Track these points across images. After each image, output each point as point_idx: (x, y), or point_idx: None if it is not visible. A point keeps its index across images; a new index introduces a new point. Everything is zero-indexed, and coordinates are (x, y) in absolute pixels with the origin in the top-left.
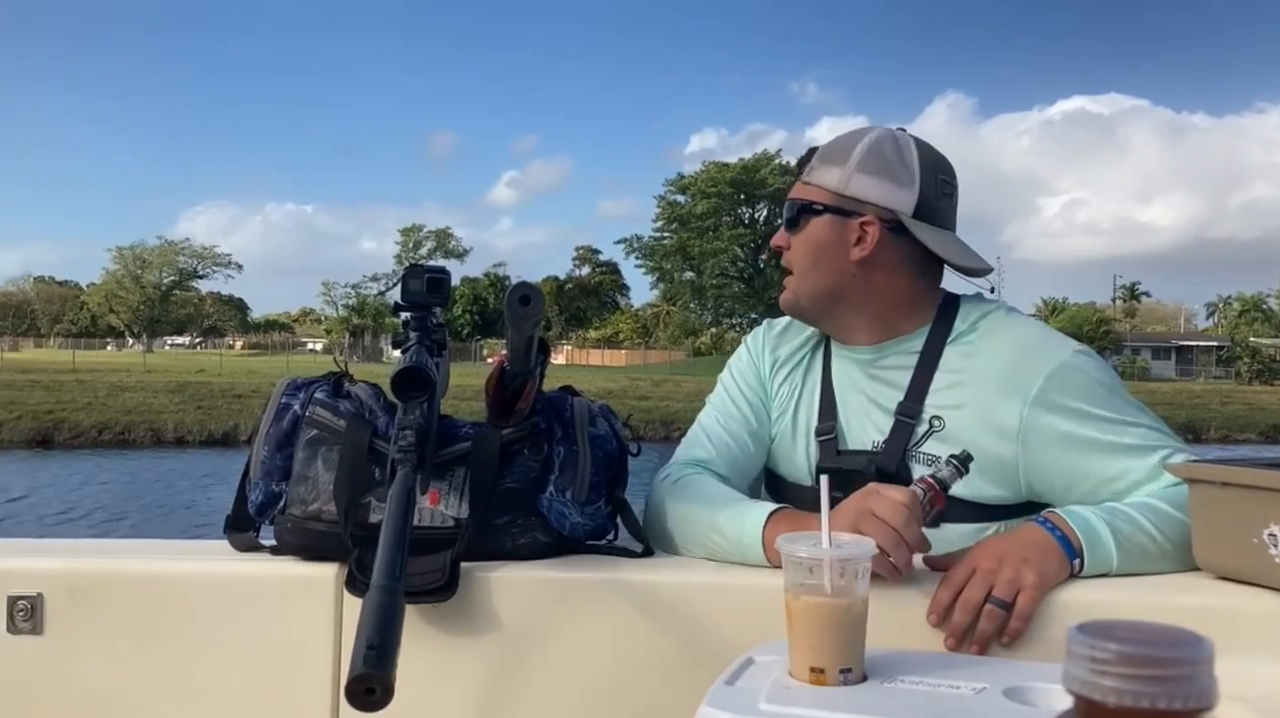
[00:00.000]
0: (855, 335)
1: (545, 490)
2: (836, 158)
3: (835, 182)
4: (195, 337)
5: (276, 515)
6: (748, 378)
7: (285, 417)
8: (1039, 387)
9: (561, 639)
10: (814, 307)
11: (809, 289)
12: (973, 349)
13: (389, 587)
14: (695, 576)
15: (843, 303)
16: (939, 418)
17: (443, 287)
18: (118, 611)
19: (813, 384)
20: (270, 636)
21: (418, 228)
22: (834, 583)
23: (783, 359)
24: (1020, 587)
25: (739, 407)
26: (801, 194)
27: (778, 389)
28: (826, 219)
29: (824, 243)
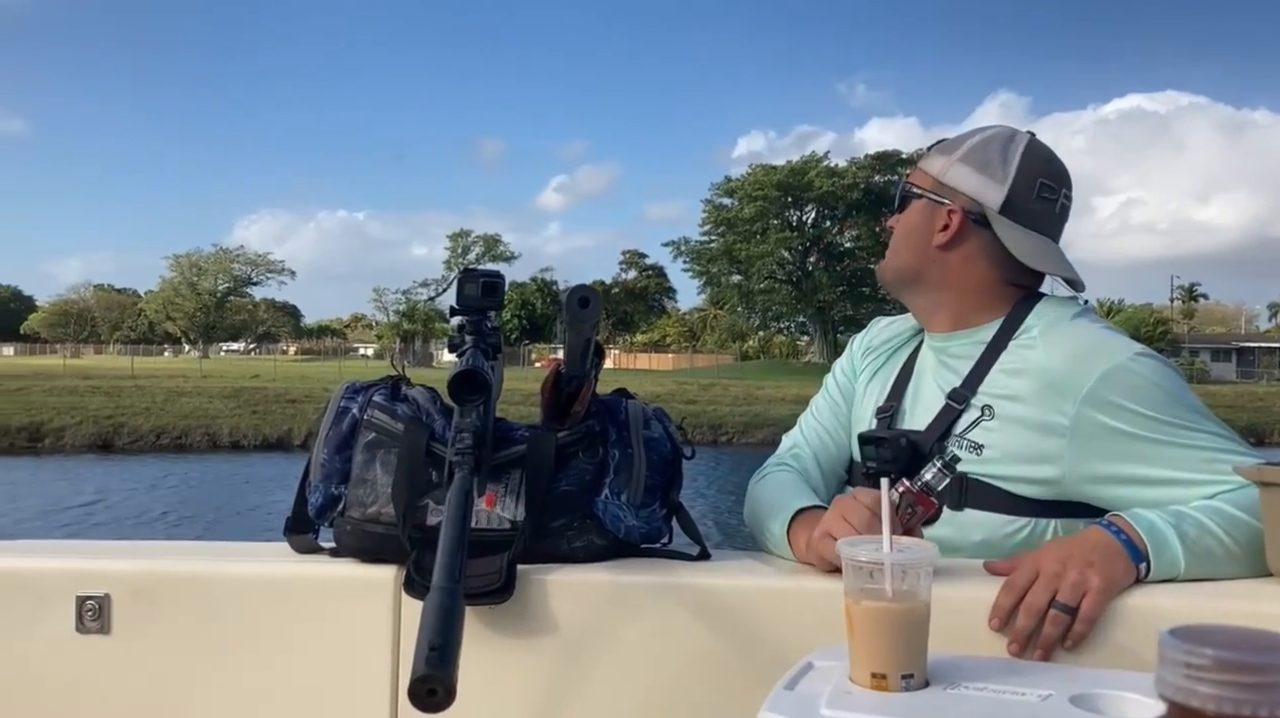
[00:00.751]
0: (932, 320)
1: (600, 493)
2: (948, 148)
3: (937, 169)
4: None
5: (336, 518)
6: (844, 368)
7: (344, 420)
8: (1091, 385)
9: (618, 642)
10: (897, 284)
11: (894, 266)
12: (1033, 344)
13: (450, 588)
14: (752, 579)
15: (921, 285)
16: (989, 407)
17: (497, 290)
18: (181, 611)
19: (894, 368)
20: (329, 637)
21: (466, 233)
22: (895, 587)
23: (876, 345)
24: (1085, 590)
25: (830, 396)
26: (909, 178)
27: (865, 376)
28: (922, 203)
29: (914, 225)
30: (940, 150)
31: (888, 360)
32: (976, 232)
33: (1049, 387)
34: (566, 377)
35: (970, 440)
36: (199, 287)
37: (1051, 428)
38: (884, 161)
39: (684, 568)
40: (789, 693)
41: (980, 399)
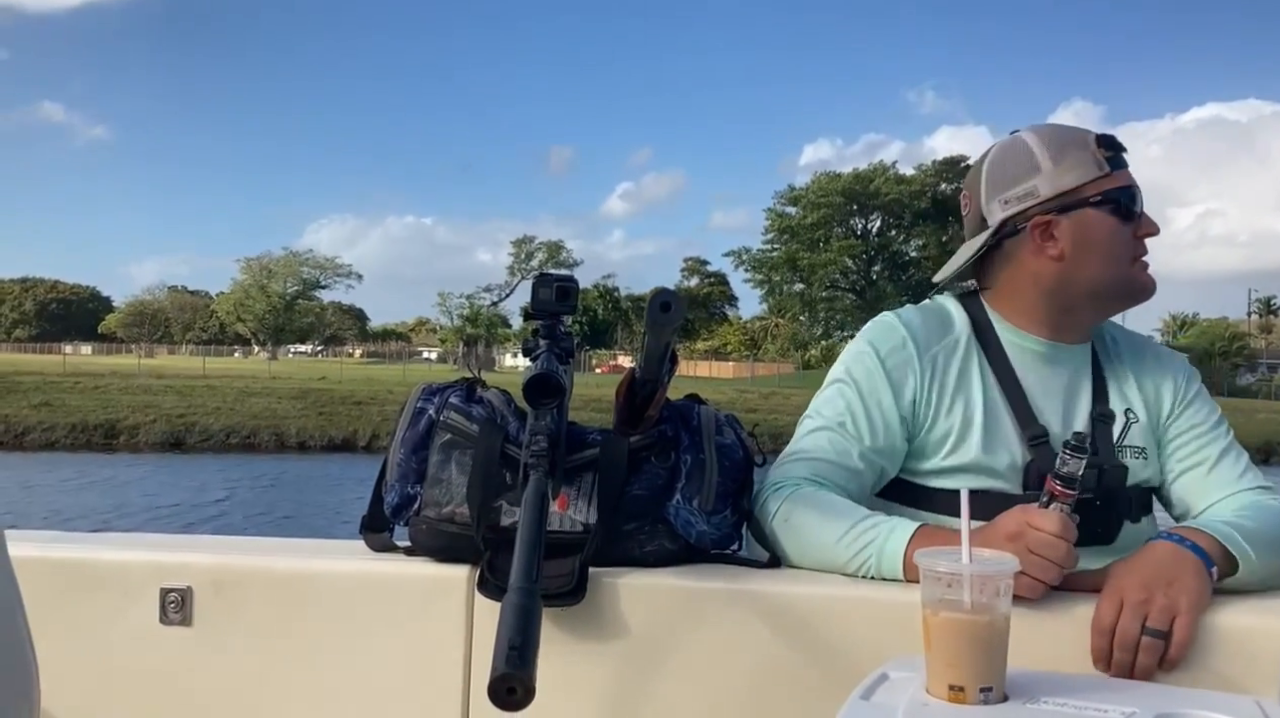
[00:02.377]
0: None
1: (672, 498)
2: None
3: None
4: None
5: (411, 517)
6: (874, 386)
7: (421, 421)
8: (1180, 383)
9: (689, 647)
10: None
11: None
12: (1119, 351)
13: (528, 589)
14: (825, 588)
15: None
16: (1131, 411)
17: (571, 295)
18: (259, 606)
19: (990, 384)
20: (403, 634)
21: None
22: (974, 599)
23: (936, 360)
24: (1175, 613)
25: (855, 421)
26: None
27: (941, 391)
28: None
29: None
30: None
31: (960, 370)
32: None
33: (1150, 388)
34: (641, 381)
35: (1131, 447)
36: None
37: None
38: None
39: (755, 575)
40: (864, 704)
41: (1117, 407)
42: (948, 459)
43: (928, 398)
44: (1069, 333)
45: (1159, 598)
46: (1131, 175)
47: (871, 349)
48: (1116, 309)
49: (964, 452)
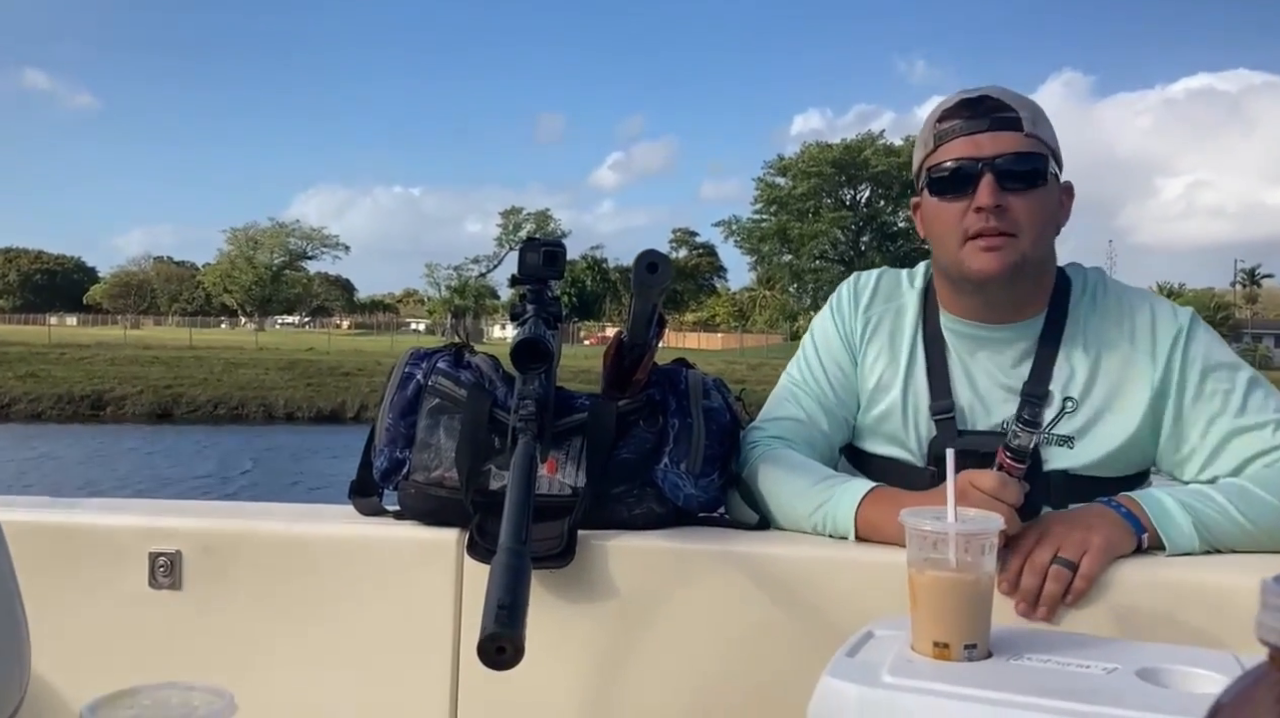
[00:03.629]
0: (1009, 311)
1: (660, 462)
2: (1040, 114)
3: (1052, 141)
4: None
5: (400, 481)
6: (831, 347)
7: (409, 385)
8: (1170, 344)
9: (678, 608)
10: (1024, 276)
11: (1039, 257)
12: (1096, 319)
13: (517, 549)
14: (811, 549)
15: (1034, 274)
16: (1070, 399)
17: (559, 260)
18: (249, 569)
19: (917, 354)
20: (393, 597)
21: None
22: (960, 558)
23: (875, 323)
24: (1086, 548)
25: (818, 381)
26: (1031, 147)
27: (873, 358)
28: (1053, 180)
29: (1052, 207)
30: (1039, 116)
31: (905, 342)
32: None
33: (1128, 358)
34: (629, 345)
35: (1058, 436)
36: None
37: (1138, 402)
38: None
39: (743, 537)
40: (850, 660)
41: (1057, 392)
42: (866, 421)
43: (861, 356)
44: (990, 312)
45: (1075, 534)
46: (975, 143)
47: (829, 310)
48: (979, 294)
49: (878, 416)
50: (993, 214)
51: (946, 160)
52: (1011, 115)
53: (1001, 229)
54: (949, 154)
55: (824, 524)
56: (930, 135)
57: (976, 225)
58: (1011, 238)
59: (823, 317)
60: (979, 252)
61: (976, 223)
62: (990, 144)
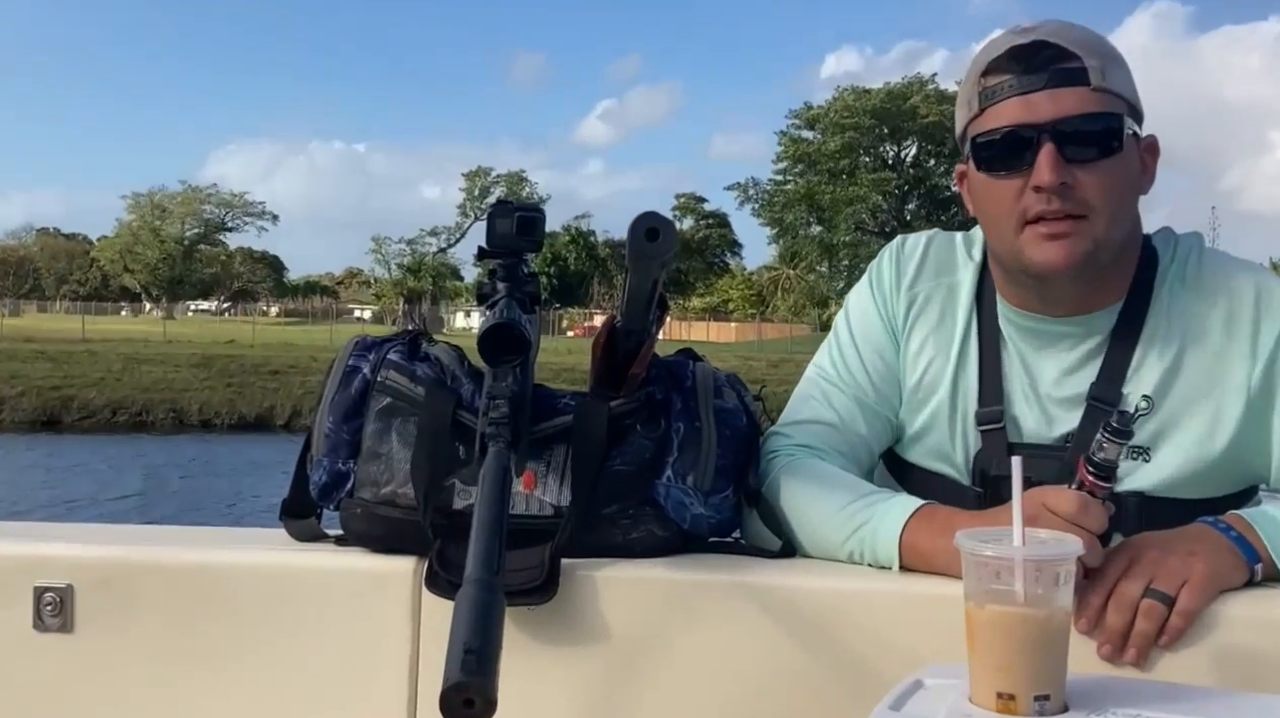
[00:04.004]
0: (1081, 302)
1: (662, 475)
2: (1114, 55)
3: (1129, 91)
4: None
5: (343, 499)
6: (870, 331)
7: (353, 382)
8: (1278, 332)
9: (683, 653)
10: (1097, 264)
11: (1118, 239)
12: (1184, 298)
13: (488, 582)
14: (845, 581)
15: (1111, 259)
16: (1147, 398)
17: (536, 228)
18: (159, 607)
19: (970, 347)
20: (334, 641)
21: (485, 171)
22: (1028, 589)
23: (922, 301)
24: (1186, 578)
25: (853, 373)
26: (1101, 105)
27: (919, 347)
28: (1131, 141)
29: (1131, 175)
30: (1111, 60)
31: (954, 331)
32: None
33: (1220, 353)
34: (624, 331)
35: (1130, 446)
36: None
37: (1232, 406)
38: None
39: (763, 566)
40: (896, 715)
41: (1132, 393)
42: (907, 424)
43: (905, 342)
44: (1056, 306)
45: (1172, 561)
46: (1029, 105)
47: (867, 283)
48: (1040, 288)
49: (922, 420)
50: (1056, 194)
51: (995, 127)
52: (1075, 66)
53: (1068, 211)
54: (998, 119)
55: (862, 551)
56: (974, 94)
57: (1036, 208)
58: (1081, 221)
59: (859, 292)
60: (1041, 240)
61: (1036, 204)
62: (1049, 105)
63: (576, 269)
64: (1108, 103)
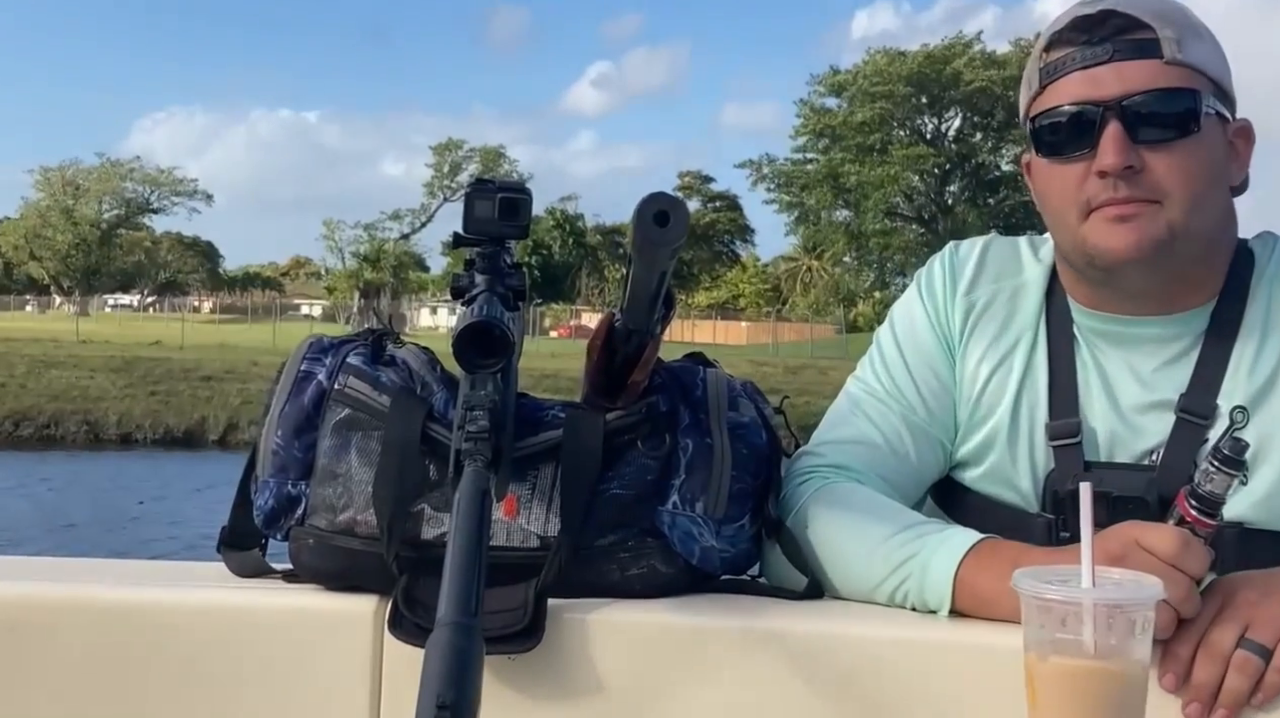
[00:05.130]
0: (1146, 301)
1: (667, 501)
2: (1194, 26)
3: (1214, 65)
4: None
5: (293, 528)
6: (919, 341)
7: (307, 390)
8: None
9: (687, 709)
10: (1172, 255)
11: (1204, 229)
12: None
13: (464, 625)
14: (883, 627)
15: (1193, 253)
16: (1242, 410)
17: (521, 211)
18: (75, 654)
19: (1038, 355)
20: (283, 691)
21: (456, 144)
22: (1100, 639)
23: (982, 307)
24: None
25: (900, 388)
26: (1174, 80)
27: (978, 359)
28: (1215, 121)
29: (1214, 160)
30: (1189, 31)
31: (1020, 340)
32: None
33: None
34: (623, 332)
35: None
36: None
37: None
38: None
39: (785, 609)
40: None
41: (1225, 403)
42: (964, 445)
43: (961, 355)
44: (1132, 304)
45: (1273, 607)
46: (1093, 80)
47: (915, 291)
48: (1109, 284)
49: (981, 439)
50: (1123, 179)
51: (1055, 105)
52: (1146, 36)
53: (1135, 196)
54: (1060, 96)
55: (906, 591)
56: (1036, 70)
57: (1102, 194)
58: (1153, 205)
59: (906, 302)
60: (1107, 223)
61: (1101, 191)
62: (1114, 80)
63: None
64: (1184, 78)
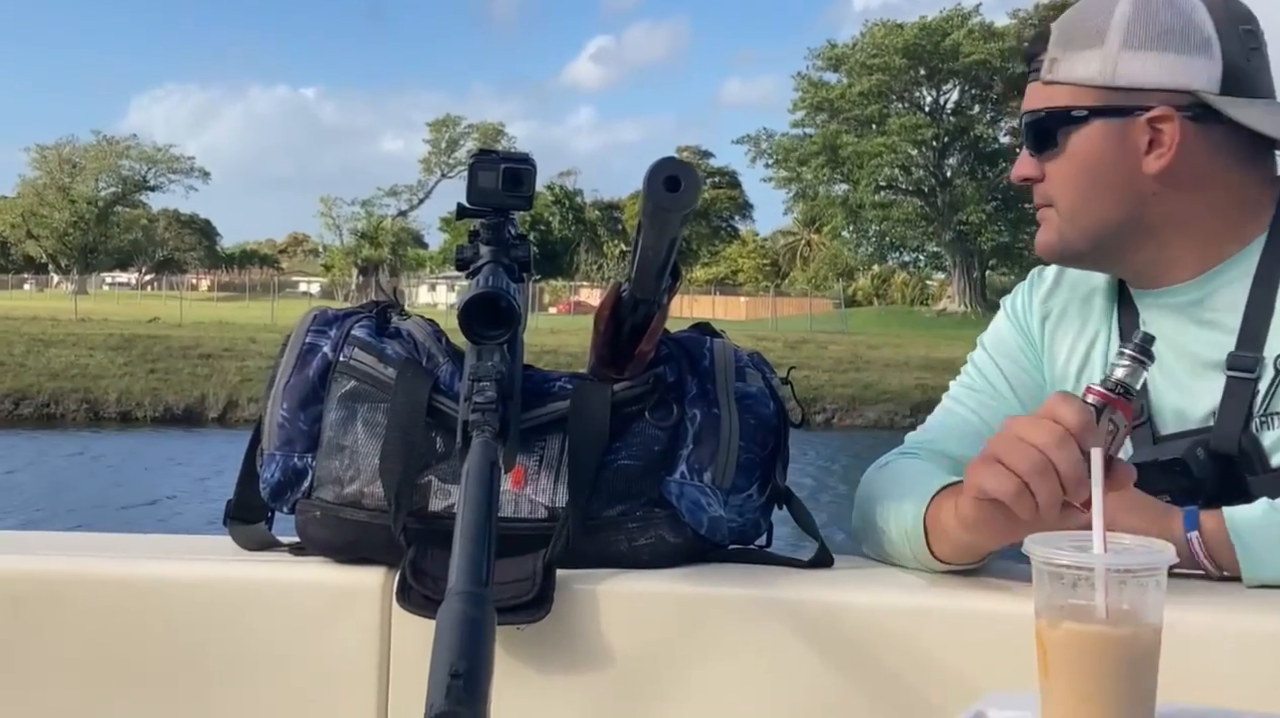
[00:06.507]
0: (1167, 273)
1: (675, 471)
2: (1088, 38)
3: (1096, 72)
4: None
5: (299, 500)
6: (1003, 344)
7: (312, 362)
8: None
9: (696, 681)
10: (1098, 249)
11: (1088, 227)
12: None
13: (476, 594)
14: (894, 594)
15: (1143, 236)
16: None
17: (525, 182)
18: (80, 629)
19: (1109, 342)
20: (290, 665)
21: (454, 121)
22: (1112, 603)
23: (1058, 313)
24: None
25: (988, 380)
26: (1048, 99)
27: (1065, 355)
28: (1097, 126)
29: (1101, 160)
30: (1075, 45)
31: (1093, 333)
32: (1200, 132)
33: None
34: (631, 300)
35: (1276, 415)
36: (73, 191)
37: None
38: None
39: (794, 578)
40: None
41: (1273, 355)
42: None
43: (1049, 354)
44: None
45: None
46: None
47: (1000, 312)
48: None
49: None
50: (1032, 189)
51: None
52: (1041, 58)
53: (1039, 203)
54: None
55: (905, 536)
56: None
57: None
58: (1050, 209)
59: (994, 320)
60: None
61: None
62: (1028, 99)
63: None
64: (1052, 96)
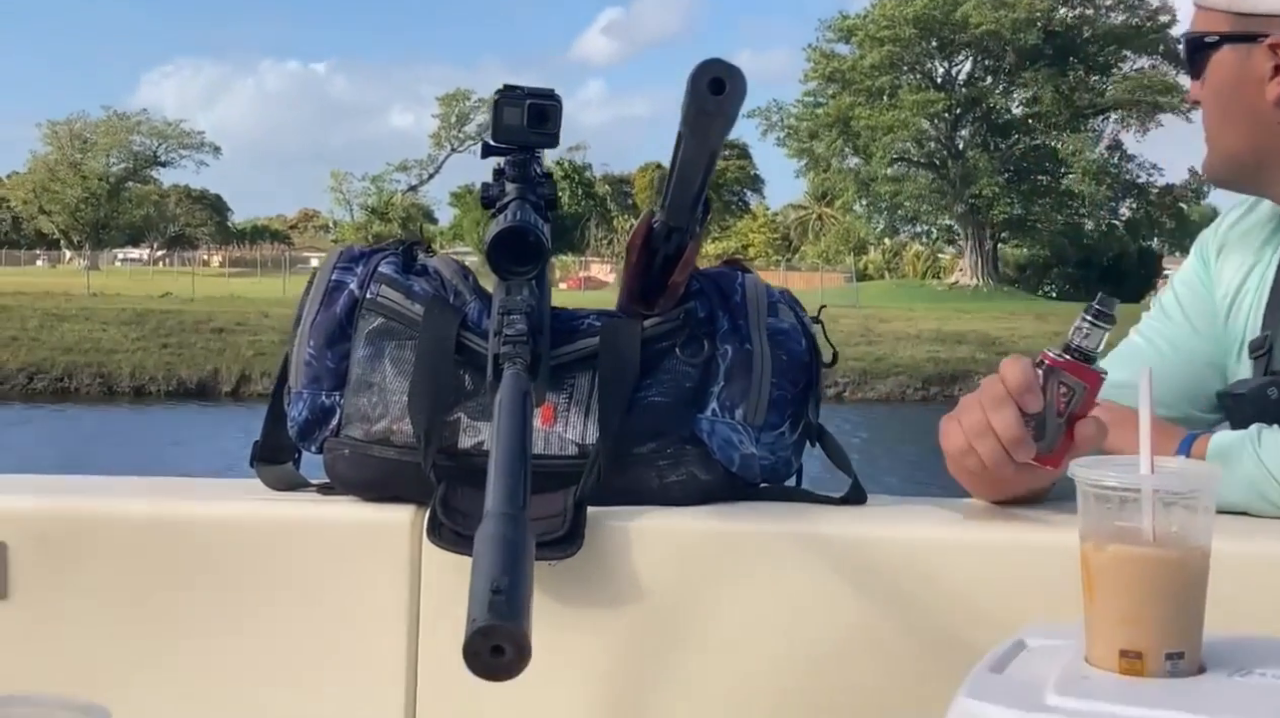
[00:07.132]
0: None
1: (706, 408)
2: None
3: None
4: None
5: (327, 439)
6: (1187, 273)
7: (338, 299)
8: None
9: (728, 617)
10: (1240, 175)
11: (1225, 153)
12: None
13: (512, 516)
14: (926, 529)
15: (1271, 164)
16: None
17: (550, 118)
18: (109, 567)
19: (1268, 278)
20: (320, 602)
21: (464, 95)
22: (1160, 526)
23: (1235, 240)
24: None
25: (1166, 313)
26: (1194, 24)
27: (1224, 283)
28: (1226, 52)
29: (1229, 86)
30: None
31: (1254, 264)
32: None
33: None
34: (664, 229)
35: None
36: (84, 167)
37: None
38: None
39: (826, 514)
40: (995, 678)
41: None
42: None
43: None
44: None
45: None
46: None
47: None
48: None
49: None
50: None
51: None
52: None
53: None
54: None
55: None
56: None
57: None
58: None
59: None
60: None
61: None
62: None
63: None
64: (1199, 20)
